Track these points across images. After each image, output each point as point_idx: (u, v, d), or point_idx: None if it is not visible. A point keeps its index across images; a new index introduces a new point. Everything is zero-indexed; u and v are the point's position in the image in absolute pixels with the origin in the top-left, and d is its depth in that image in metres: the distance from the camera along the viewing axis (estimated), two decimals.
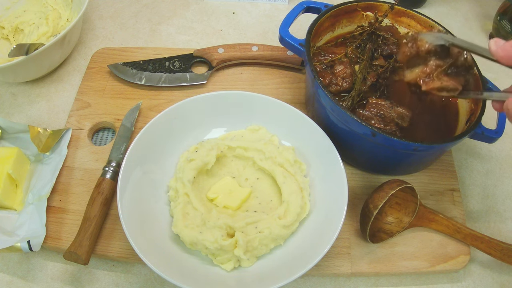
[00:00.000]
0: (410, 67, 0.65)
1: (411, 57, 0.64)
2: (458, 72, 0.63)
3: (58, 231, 0.73)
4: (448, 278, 0.73)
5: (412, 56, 0.63)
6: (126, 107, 0.88)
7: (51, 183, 0.76)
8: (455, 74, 0.63)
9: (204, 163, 0.73)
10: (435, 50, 0.61)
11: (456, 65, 0.62)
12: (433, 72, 0.63)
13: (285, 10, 1.12)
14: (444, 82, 0.62)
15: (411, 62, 0.64)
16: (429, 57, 0.62)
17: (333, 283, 0.72)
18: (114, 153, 0.79)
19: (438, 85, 0.63)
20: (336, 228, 0.65)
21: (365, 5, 0.85)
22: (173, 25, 1.08)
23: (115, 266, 0.73)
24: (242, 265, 0.67)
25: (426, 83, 0.63)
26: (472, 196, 0.82)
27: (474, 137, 0.73)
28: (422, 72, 0.63)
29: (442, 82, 0.62)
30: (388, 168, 0.79)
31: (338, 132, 0.74)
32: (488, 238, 0.70)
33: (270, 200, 0.74)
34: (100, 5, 1.13)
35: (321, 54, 0.82)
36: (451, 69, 0.62)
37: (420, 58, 0.63)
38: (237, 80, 0.94)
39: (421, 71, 0.63)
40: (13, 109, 0.92)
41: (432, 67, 0.62)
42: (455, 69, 0.62)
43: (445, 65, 0.62)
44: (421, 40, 0.62)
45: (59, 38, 0.86)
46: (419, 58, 0.63)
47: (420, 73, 0.64)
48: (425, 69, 0.63)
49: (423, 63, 0.63)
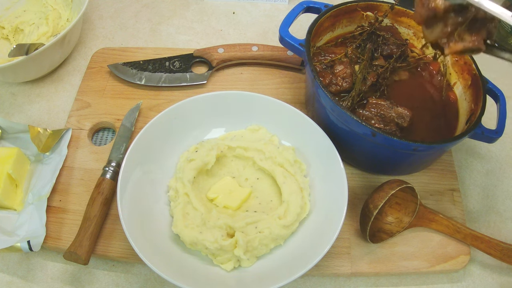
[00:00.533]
0: (429, 27, 0.60)
1: (429, 18, 0.59)
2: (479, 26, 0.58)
3: (58, 231, 0.73)
4: (448, 278, 0.73)
5: (430, 17, 0.59)
6: (126, 107, 0.88)
7: (51, 183, 0.76)
8: (476, 29, 0.58)
9: (204, 163, 0.73)
10: (453, 7, 0.57)
11: (477, 19, 0.57)
12: (454, 31, 0.58)
13: (285, 10, 1.12)
14: (467, 43, 0.58)
15: (429, 22, 0.60)
16: (447, 15, 0.58)
17: (333, 283, 0.72)
18: (114, 153, 0.79)
19: (460, 47, 0.59)
20: (336, 228, 0.65)
21: (365, 5, 0.85)
22: (173, 25, 1.08)
23: (115, 266, 0.73)
24: (242, 265, 0.67)
25: (449, 46, 0.60)
26: (472, 196, 0.82)
27: (474, 137, 0.73)
28: (443, 33, 0.59)
29: (464, 44, 0.58)
30: (388, 168, 0.79)
31: (338, 132, 0.74)
32: (488, 238, 0.70)
33: (270, 200, 0.74)
34: (100, 5, 1.13)
35: (321, 54, 0.83)
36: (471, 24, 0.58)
37: (438, 17, 0.58)
38: (237, 80, 0.94)
39: (442, 31, 0.59)
40: (13, 109, 0.92)
41: (453, 26, 0.58)
42: (476, 23, 0.57)
43: (466, 21, 0.57)
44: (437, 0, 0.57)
45: (59, 38, 0.86)
46: (437, 17, 0.58)
47: (440, 33, 0.59)
48: (446, 29, 0.58)
49: (443, 21, 0.58)
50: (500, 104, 0.75)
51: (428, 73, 0.85)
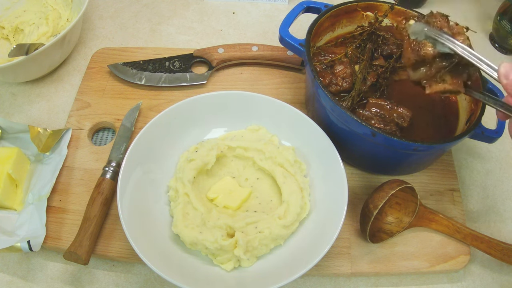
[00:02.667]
0: (415, 69, 0.63)
1: (417, 63, 0.62)
2: (461, 69, 0.61)
3: (58, 231, 0.73)
4: (448, 278, 0.73)
5: (418, 62, 0.62)
6: (126, 107, 0.88)
7: (51, 183, 0.76)
8: (458, 72, 0.61)
9: (204, 163, 0.73)
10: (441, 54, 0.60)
11: (460, 64, 0.60)
12: (437, 73, 0.61)
13: (285, 10, 1.12)
14: (448, 86, 0.61)
15: (416, 65, 0.63)
16: (434, 60, 0.61)
17: (333, 283, 0.72)
18: (114, 153, 0.79)
19: (441, 88, 0.62)
20: (336, 228, 0.65)
21: (365, 5, 0.85)
22: (173, 25, 1.08)
23: (115, 266, 0.73)
24: (242, 265, 0.67)
25: (430, 86, 0.63)
26: (472, 196, 0.82)
27: (474, 137, 0.73)
28: (426, 75, 0.62)
29: (445, 86, 0.61)
30: (388, 168, 0.79)
31: (338, 132, 0.74)
32: (488, 238, 0.70)
33: (270, 200, 0.74)
34: (100, 5, 1.13)
35: (321, 54, 0.83)
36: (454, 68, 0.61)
37: (425, 62, 0.62)
38: (237, 80, 0.94)
39: (426, 73, 0.62)
40: (13, 109, 0.92)
41: (437, 69, 0.61)
42: (459, 66, 0.61)
43: (450, 65, 0.60)
44: (426, 47, 0.60)
45: (59, 38, 0.86)
46: (424, 62, 0.62)
47: (424, 75, 0.63)
48: (430, 71, 0.62)
49: (428, 65, 0.62)
50: None
51: None
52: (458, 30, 0.61)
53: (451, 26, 0.62)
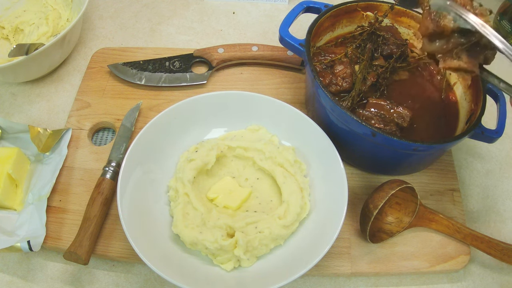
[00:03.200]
0: (431, 41, 0.61)
1: (434, 33, 0.60)
2: (479, 50, 0.59)
3: (58, 231, 0.73)
4: (448, 278, 0.73)
5: (435, 33, 0.59)
6: (126, 107, 0.88)
7: (51, 183, 0.76)
8: (475, 52, 0.59)
9: (204, 163, 0.73)
10: (460, 29, 0.57)
11: (479, 44, 0.58)
12: (454, 49, 0.59)
13: (285, 10, 1.12)
14: (463, 64, 0.59)
15: (432, 36, 0.60)
16: (452, 34, 0.58)
17: (333, 283, 0.72)
18: (114, 153, 0.79)
19: (455, 65, 0.60)
20: (336, 228, 0.65)
21: (365, 5, 0.85)
22: (173, 25, 1.08)
23: (115, 266, 0.73)
24: (242, 265, 0.67)
25: (445, 61, 0.60)
26: (472, 196, 0.82)
27: (474, 137, 0.73)
28: (442, 49, 0.60)
29: (460, 64, 0.59)
30: (388, 168, 0.79)
31: (338, 132, 0.74)
32: (488, 238, 0.70)
33: (270, 200, 0.74)
34: (100, 5, 1.13)
35: (321, 54, 0.83)
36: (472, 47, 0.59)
37: (442, 35, 0.59)
38: (237, 80, 0.94)
39: (441, 47, 0.60)
40: (13, 109, 0.92)
41: (454, 45, 0.59)
42: (476, 47, 0.59)
43: (468, 43, 0.58)
44: (447, 19, 0.57)
45: (59, 38, 0.86)
46: (442, 34, 0.59)
47: (440, 48, 0.60)
48: (447, 46, 0.59)
49: (446, 38, 0.59)
50: (500, 104, 0.75)
51: (428, 73, 0.85)
52: (481, 11, 0.58)
53: (475, 7, 0.59)
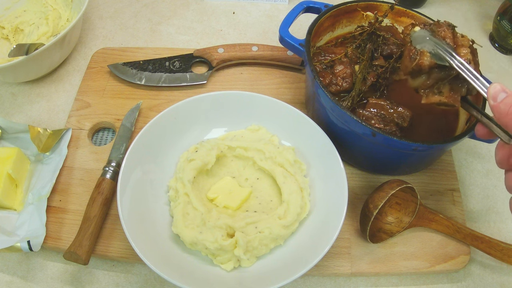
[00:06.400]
0: (413, 77, 0.64)
1: (414, 71, 0.63)
2: (460, 83, 0.61)
3: (58, 231, 0.73)
4: (448, 278, 0.73)
5: (414, 70, 0.63)
6: (126, 107, 0.88)
7: (51, 183, 0.76)
8: (456, 85, 0.61)
9: (204, 163, 0.73)
10: (438, 65, 0.60)
11: (459, 77, 0.60)
12: (435, 84, 0.62)
13: (285, 10, 1.12)
14: (443, 98, 0.62)
15: (413, 73, 0.64)
16: (432, 69, 0.61)
17: (333, 283, 0.72)
18: (114, 153, 0.79)
19: (436, 100, 0.62)
20: (336, 228, 0.65)
21: (365, 5, 0.85)
22: (173, 25, 1.08)
23: (115, 266, 0.73)
24: (242, 265, 0.67)
25: (427, 96, 0.63)
26: (472, 196, 0.82)
27: (474, 137, 0.72)
28: (425, 84, 0.63)
29: (441, 99, 0.62)
30: (388, 168, 0.79)
31: (338, 132, 0.74)
32: (488, 238, 0.70)
33: (270, 200, 0.74)
34: (100, 5, 1.13)
35: (321, 54, 0.82)
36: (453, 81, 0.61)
37: (422, 71, 0.62)
38: (237, 80, 0.94)
39: (424, 82, 0.63)
40: (13, 109, 0.92)
41: (434, 80, 0.62)
42: (457, 80, 0.61)
43: (448, 78, 0.61)
44: (424, 56, 0.60)
45: (59, 38, 0.86)
46: (421, 71, 0.62)
47: (422, 84, 0.63)
48: (428, 81, 0.62)
49: (426, 74, 0.62)
50: None
51: None
52: (462, 42, 0.61)
53: (457, 37, 0.61)
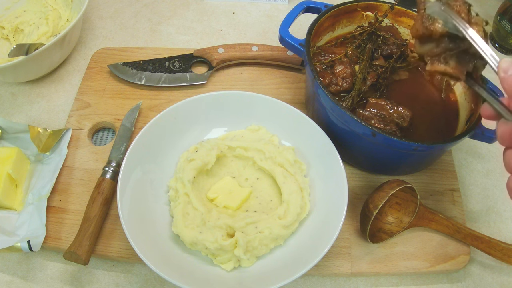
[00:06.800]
0: (422, 43, 0.62)
1: (424, 36, 0.60)
2: (468, 58, 0.60)
3: (58, 231, 0.73)
4: (448, 278, 0.73)
5: (425, 35, 0.60)
6: (126, 107, 0.88)
7: (51, 183, 0.76)
8: (464, 60, 0.60)
9: (204, 163, 0.73)
10: (449, 34, 0.58)
11: (468, 53, 0.59)
12: (442, 54, 0.60)
13: (285, 10, 1.12)
14: (449, 69, 0.60)
15: (423, 39, 0.61)
16: (442, 38, 0.59)
17: (333, 283, 0.72)
18: (114, 153, 0.79)
19: (441, 69, 0.60)
20: (336, 228, 0.65)
21: (365, 5, 0.85)
22: (173, 25, 1.08)
23: (115, 266, 0.73)
24: (242, 265, 0.67)
25: (432, 64, 0.61)
26: (472, 196, 0.82)
27: (474, 137, 0.73)
28: (431, 52, 0.61)
29: (446, 68, 0.60)
30: (388, 168, 0.79)
31: (338, 132, 0.74)
32: (488, 238, 0.70)
33: (270, 200, 0.74)
34: (100, 5, 1.13)
35: (321, 54, 0.82)
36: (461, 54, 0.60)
37: (432, 38, 0.60)
38: (237, 80, 0.94)
39: (431, 50, 0.61)
40: (13, 109, 0.92)
41: (442, 49, 0.60)
42: (466, 55, 0.60)
43: (456, 50, 0.59)
44: (437, 22, 0.58)
45: (59, 38, 0.86)
46: (431, 38, 0.60)
47: (429, 51, 0.61)
48: (435, 49, 0.60)
49: (435, 42, 0.60)
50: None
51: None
52: (476, 20, 0.59)
53: (471, 15, 0.60)
